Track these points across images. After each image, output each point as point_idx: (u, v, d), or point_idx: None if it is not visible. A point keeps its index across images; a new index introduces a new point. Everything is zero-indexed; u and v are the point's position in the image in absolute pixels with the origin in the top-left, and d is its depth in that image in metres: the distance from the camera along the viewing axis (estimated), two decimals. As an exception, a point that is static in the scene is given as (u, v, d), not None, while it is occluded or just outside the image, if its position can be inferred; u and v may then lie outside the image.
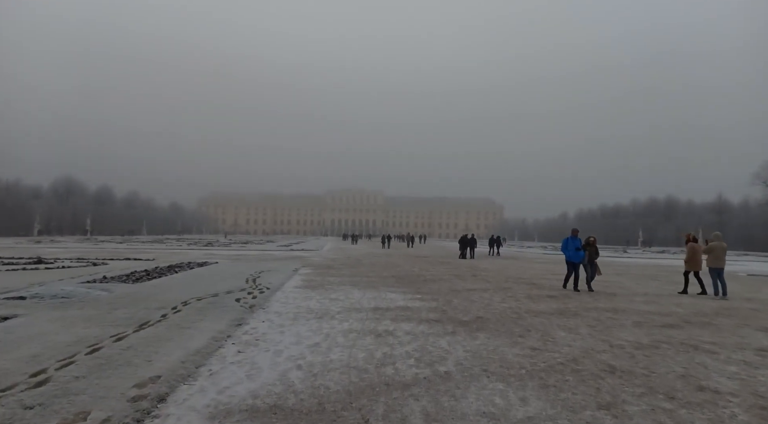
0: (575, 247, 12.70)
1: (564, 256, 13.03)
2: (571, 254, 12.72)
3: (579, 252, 12.67)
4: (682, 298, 11.72)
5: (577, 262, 12.67)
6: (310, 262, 22.76)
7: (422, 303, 10.19)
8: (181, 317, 7.47)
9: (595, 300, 10.93)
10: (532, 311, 9.24)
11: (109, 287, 10.45)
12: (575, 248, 12.69)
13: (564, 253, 12.91)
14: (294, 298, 10.56)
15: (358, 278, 15.20)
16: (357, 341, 6.57)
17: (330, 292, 11.74)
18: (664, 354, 6.04)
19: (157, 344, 5.84)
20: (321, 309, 9.14)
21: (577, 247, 12.71)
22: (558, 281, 15.60)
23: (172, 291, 10.35)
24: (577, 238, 12.90)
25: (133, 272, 14.20)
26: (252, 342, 6.34)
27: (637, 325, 7.98)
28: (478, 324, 7.88)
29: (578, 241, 12.83)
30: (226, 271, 16.00)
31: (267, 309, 8.95)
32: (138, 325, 6.81)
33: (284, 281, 13.86)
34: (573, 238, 12.87)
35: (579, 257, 12.68)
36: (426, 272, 18.34)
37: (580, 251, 12.68)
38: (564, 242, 13.03)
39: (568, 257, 12.82)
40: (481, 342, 6.58)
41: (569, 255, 12.76)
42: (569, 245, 12.82)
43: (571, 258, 12.73)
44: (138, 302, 8.83)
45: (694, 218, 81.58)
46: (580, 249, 12.71)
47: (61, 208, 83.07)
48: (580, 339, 6.83)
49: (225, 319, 7.63)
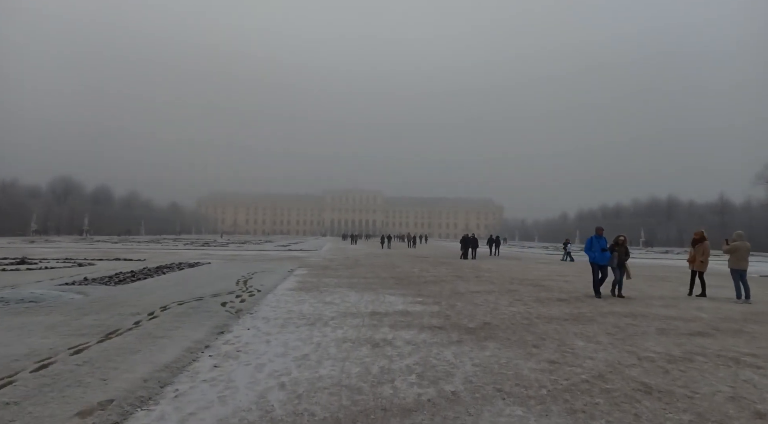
0: (601, 247, 11.40)
1: (588, 257, 11.70)
2: (597, 255, 11.40)
3: (605, 253, 11.38)
4: (702, 301, 10.97)
5: (603, 264, 11.39)
6: (307, 262, 22.01)
7: (423, 307, 9.45)
8: (155, 325, 6.71)
9: (610, 304, 10.18)
10: (544, 317, 8.49)
11: (86, 290, 9.69)
12: (601, 248, 11.39)
13: (588, 254, 11.59)
14: (286, 301, 9.81)
15: (356, 280, 14.45)
16: (351, 352, 5.82)
17: (325, 295, 10.99)
18: (702, 369, 5.29)
19: (121, 357, 5.08)
20: (314, 314, 8.39)
21: (603, 247, 11.40)
22: (566, 282, 14.86)
23: (154, 294, 9.59)
24: (603, 237, 11.58)
25: (118, 273, 13.45)
26: (232, 354, 5.58)
27: (662, 332, 7.23)
28: (486, 332, 7.13)
29: (604, 240, 11.52)
30: (217, 272, 15.25)
31: (255, 314, 8.20)
32: (105, 334, 6.05)
33: (278, 282, 13.10)
34: (598, 237, 11.54)
35: (605, 258, 11.37)
36: (426, 273, 17.59)
37: (606, 252, 11.39)
38: (588, 242, 11.66)
39: (592, 259, 11.50)
40: (491, 353, 5.83)
41: (594, 257, 11.44)
42: (594, 245, 11.47)
43: (596, 260, 11.42)
44: (113, 306, 8.07)
45: (696, 219, 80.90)
46: (607, 250, 11.43)
47: (58, 208, 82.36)
48: (602, 350, 6.07)
49: (206, 326, 6.88)
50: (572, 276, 17.32)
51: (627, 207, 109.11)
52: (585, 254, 11.80)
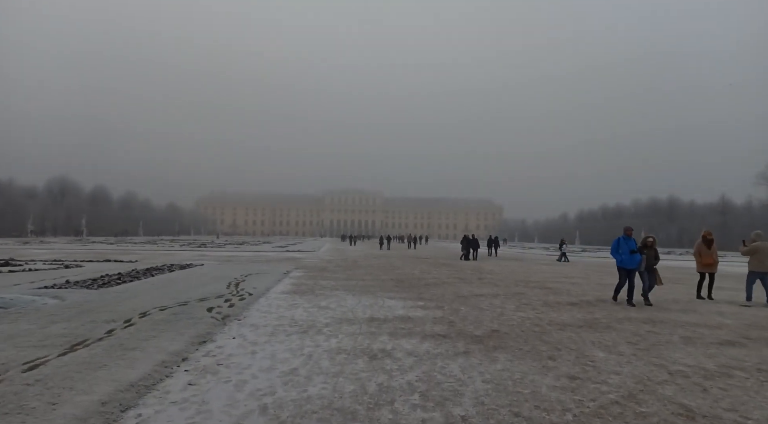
0: (629, 249, 10.28)
1: (615, 260, 10.63)
2: (625, 258, 10.30)
3: (634, 256, 10.25)
4: (722, 306, 10.34)
5: (632, 268, 10.31)
6: (304, 264, 21.37)
7: (425, 312, 8.81)
8: (130, 334, 6.06)
9: (625, 309, 9.54)
10: (556, 323, 7.85)
11: (64, 294, 9.05)
12: (629, 250, 10.27)
13: (614, 257, 10.53)
14: (278, 306, 9.17)
15: (354, 282, 13.81)
16: (346, 365, 5.18)
17: (321, 298, 10.36)
18: (745, 386, 4.65)
19: (81, 374, 4.45)
20: (307, 320, 7.76)
21: (631, 249, 10.27)
22: (573, 284, 14.23)
23: (136, 299, 8.95)
24: (632, 238, 10.46)
25: (104, 275, 12.81)
26: (211, 368, 4.95)
27: (688, 342, 6.59)
28: (495, 340, 6.49)
29: (633, 242, 10.40)
30: (209, 274, 14.61)
31: (242, 321, 7.56)
32: (70, 345, 5.41)
33: (271, 285, 12.47)
34: (626, 238, 10.43)
35: (634, 261, 10.24)
36: (427, 274, 16.96)
37: (635, 255, 10.26)
38: (614, 244, 10.56)
39: (620, 262, 10.42)
40: (502, 367, 5.20)
41: (622, 260, 10.35)
42: (622, 246, 10.38)
43: (625, 264, 10.33)
44: (87, 312, 7.42)
45: (697, 219, 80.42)
46: (636, 252, 10.28)
47: (55, 209, 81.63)
48: (626, 363, 5.44)
49: (186, 335, 6.24)
50: (579, 278, 16.70)
51: (627, 207, 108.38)
52: (612, 257, 10.70)
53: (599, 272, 20.07)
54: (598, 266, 24.95)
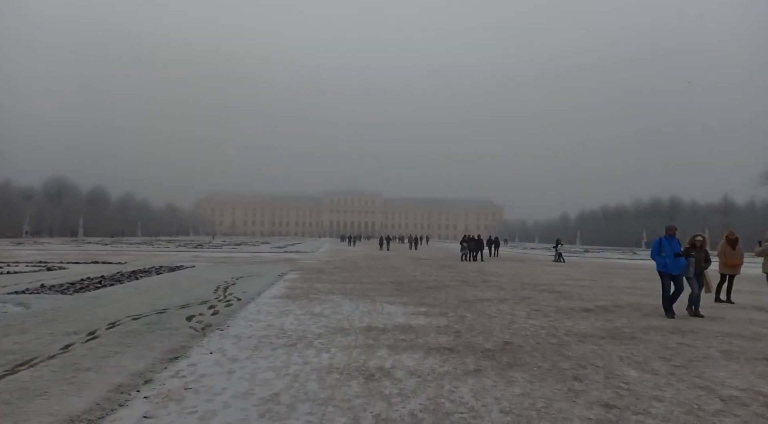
0: (674, 252, 8.77)
1: (655, 264, 9.11)
2: (669, 262, 8.75)
3: (679, 259, 8.77)
4: (750, 312, 9.55)
5: (677, 274, 8.81)
6: (301, 265, 20.59)
7: (428, 320, 8.03)
8: (89, 350, 5.27)
9: (646, 316, 8.75)
10: (574, 333, 7.06)
11: (31, 300, 8.26)
12: (674, 253, 8.76)
13: (656, 260, 8.98)
14: (267, 313, 8.39)
15: (352, 285, 13.02)
16: (337, 389, 4.40)
17: (315, 304, 9.58)
18: (818, 418, 3.87)
19: (10, 406, 3.65)
20: (297, 330, 6.97)
21: (676, 251, 8.78)
22: (583, 288, 13.43)
23: (111, 306, 8.16)
24: (675, 238, 8.96)
25: (84, 278, 12.02)
26: (176, 394, 4.16)
27: (728, 357, 5.80)
28: (509, 355, 5.71)
29: (677, 243, 8.90)
30: (198, 276, 13.82)
31: (225, 331, 6.78)
32: (12, 366, 4.62)
33: (263, 289, 11.69)
34: (669, 238, 8.92)
35: (680, 266, 8.78)
36: (429, 277, 16.18)
37: (680, 258, 8.78)
38: (655, 245, 9.02)
39: (662, 267, 8.85)
40: (522, 391, 4.41)
41: (665, 264, 8.79)
42: (665, 248, 8.83)
43: (669, 269, 8.77)
44: (50, 322, 6.63)
45: (699, 220, 79.74)
46: (681, 255, 8.80)
47: (52, 210, 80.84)
48: (666, 385, 4.65)
49: (156, 350, 5.45)
50: (587, 280, 15.92)
51: (629, 208, 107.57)
52: (653, 260, 9.11)
53: (606, 273, 19.30)
54: (603, 267, 24.19)
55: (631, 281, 15.96)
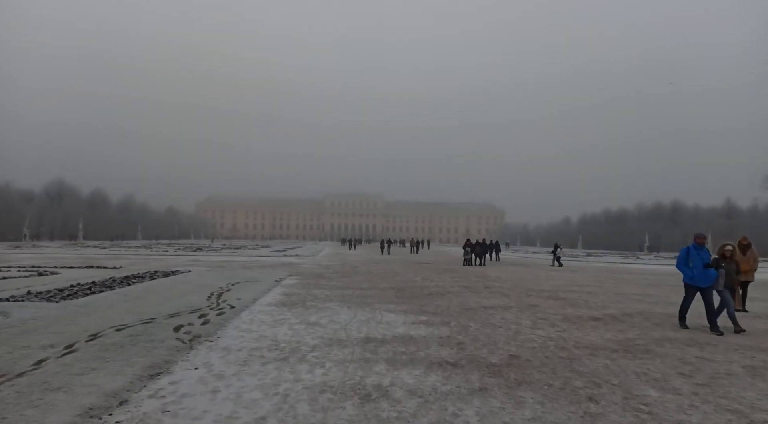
0: (703, 262, 7.99)
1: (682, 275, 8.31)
2: (697, 273, 7.99)
3: (708, 271, 7.94)
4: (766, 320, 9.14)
5: (706, 287, 7.99)
6: (300, 270, 20.20)
7: (429, 330, 7.63)
8: (63, 366, 4.88)
9: (658, 326, 8.34)
10: (584, 345, 6.66)
11: (12, 309, 7.87)
12: (703, 264, 7.98)
13: (682, 271, 8.23)
14: (261, 322, 8.00)
15: (350, 291, 12.63)
16: (330, 411, 4.01)
17: (311, 312, 9.19)
18: None
19: (-37, 434, 3.28)
20: (291, 342, 6.58)
21: (705, 262, 7.98)
22: (589, 294, 13.02)
23: (96, 314, 7.76)
24: (705, 248, 8.19)
25: (74, 284, 11.64)
26: (151, 419, 3.77)
27: (754, 373, 5.39)
28: (516, 371, 5.31)
29: (706, 253, 8.14)
30: (192, 282, 13.43)
31: (214, 343, 6.39)
32: (-25, 385, 4.23)
33: (258, 295, 11.30)
34: (698, 247, 8.14)
35: (710, 278, 7.94)
36: (430, 282, 15.78)
37: (710, 269, 7.96)
38: (682, 254, 8.28)
39: (689, 279, 8.11)
40: (532, 414, 4.01)
41: (692, 275, 8.04)
42: (693, 258, 8.08)
43: (696, 280, 8.00)
44: (28, 334, 6.24)
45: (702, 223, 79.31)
46: (711, 265, 7.98)
47: (52, 213, 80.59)
48: (690, 407, 4.25)
49: (137, 365, 5.06)
50: (592, 286, 15.50)
51: (631, 211, 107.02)
52: (679, 271, 8.33)
53: (611, 279, 18.87)
54: (607, 271, 23.76)
55: (637, 287, 15.55)
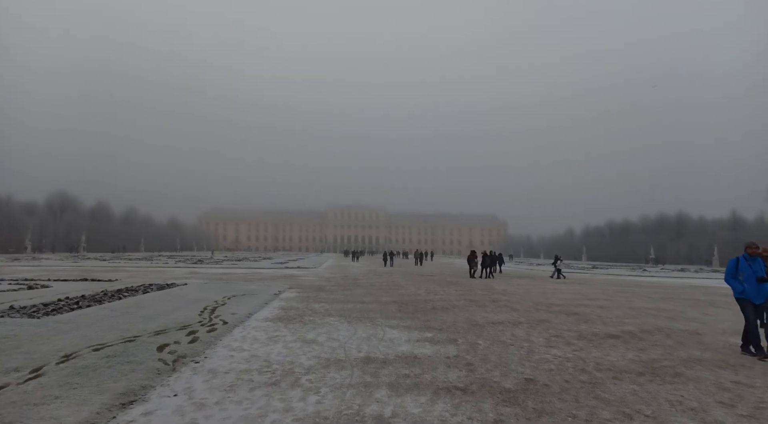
0: (755, 275, 7.04)
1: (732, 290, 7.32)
2: (749, 288, 7.04)
3: (763, 285, 7.01)
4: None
5: (761, 303, 7.10)
6: (300, 282, 19.62)
7: (435, 348, 7.06)
8: (24, 393, 4.33)
9: (682, 344, 7.73)
10: (606, 368, 6.07)
11: (-12, 326, 7.32)
12: (756, 276, 7.02)
13: (731, 285, 7.26)
14: (254, 340, 7.44)
15: (351, 305, 12.05)
16: (322, 450, 3.45)
17: (309, 328, 8.62)
18: None
19: None
20: (284, 363, 6.02)
21: (759, 275, 7.01)
22: (601, 308, 12.40)
23: (76, 332, 7.21)
24: (759, 259, 7.19)
25: (62, 298, 11.10)
26: (113, 461, 3.22)
27: (801, 401, 4.81)
28: (534, 399, 4.73)
29: (760, 264, 7.15)
30: (187, 296, 12.87)
31: (200, 364, 5.84)
32: None
33: (254, 310, 10.75)
34: (749, 258, 7.18)
35: (763, 293, 7.04)
36: (434, 295, 15.17)
37: (765, 284, 7.01)
38: (731, 266, 7.29)
39: (739, 293, 7.14)
40: (558, 454, 3.44)
41: (743, 290, 7.09)
42: (743, 270, 7.13)
43: (748, 295, 7.05)
44: (-5, 355, 5.70)
45: (707, 235, 78.53)
46: (765, 279, 6.98)
47: (54, 225, 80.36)
48: (740, 445, 3.68)
49: (108, 392, 4.51)
50: (603, 300, 14.87)
51: (635, 223, 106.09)
52: (728, 285, 7.34)
53: (621, 292, 18.21)
54: (615, 284, 23.07)
55: (650, 301, 14.90)
